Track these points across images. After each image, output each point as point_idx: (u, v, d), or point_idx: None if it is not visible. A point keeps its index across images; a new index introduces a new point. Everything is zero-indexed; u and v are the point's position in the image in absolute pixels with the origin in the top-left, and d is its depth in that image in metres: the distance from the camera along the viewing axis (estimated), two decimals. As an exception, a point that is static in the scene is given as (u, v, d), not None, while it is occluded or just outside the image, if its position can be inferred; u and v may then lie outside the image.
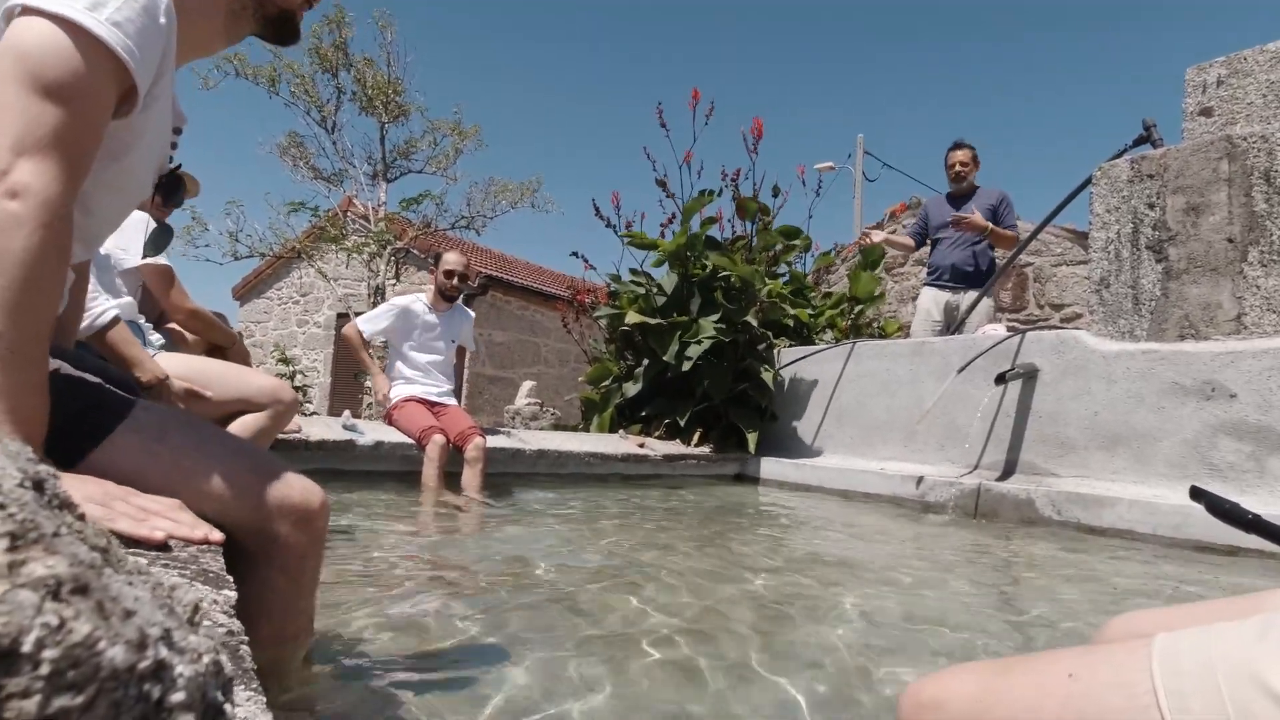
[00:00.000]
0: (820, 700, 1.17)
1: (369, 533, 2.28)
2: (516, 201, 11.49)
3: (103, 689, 0.25)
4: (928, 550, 2.57)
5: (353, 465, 3.24)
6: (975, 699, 0.61)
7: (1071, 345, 3.30)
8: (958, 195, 4.92)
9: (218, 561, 0.83)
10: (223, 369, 2.16)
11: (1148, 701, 0.52)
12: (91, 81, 0.79)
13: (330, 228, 10.53)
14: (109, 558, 0.30)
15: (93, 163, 0.83)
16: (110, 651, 0.25)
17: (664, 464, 4.21)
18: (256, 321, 15.93)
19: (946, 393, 3.69)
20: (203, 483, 0.89)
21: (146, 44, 0.83)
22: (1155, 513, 2.74)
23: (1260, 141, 2.95)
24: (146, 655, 0.27)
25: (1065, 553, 2.51)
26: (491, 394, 12.89)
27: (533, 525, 2.67)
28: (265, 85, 10.19)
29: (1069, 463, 3.23)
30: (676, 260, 4.90)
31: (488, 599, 1.64)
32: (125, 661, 0.26)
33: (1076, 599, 1.90)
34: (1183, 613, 0.81)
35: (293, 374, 7.39)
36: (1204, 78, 3.36)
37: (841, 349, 4.47)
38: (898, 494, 3.61)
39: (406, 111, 10.78)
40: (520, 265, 16.25)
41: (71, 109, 0.77)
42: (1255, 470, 2.70)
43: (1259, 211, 2.92)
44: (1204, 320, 3.02)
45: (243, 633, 0.69)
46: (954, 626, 1.60)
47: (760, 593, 1.82)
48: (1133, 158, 3.35)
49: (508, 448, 3.71)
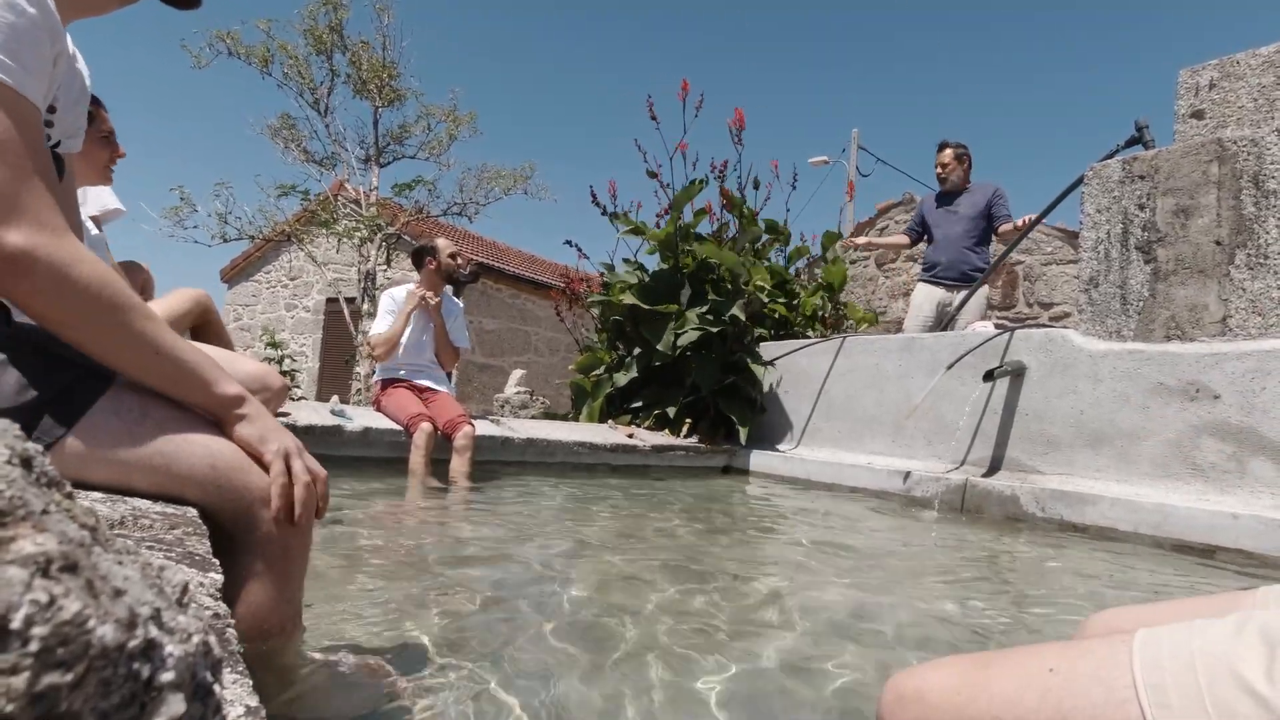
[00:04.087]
0: (794, 695, 1.18)
1: (355, 520, 2.28)
2: (510, 189, 11.43)
3: (92, 667, 0.25)
4: (913, 545, 2.59)
5: (341, 451, 3.23)
6: (956, 691, 0.62)
7: (1059, 344, 3.32)
8: (949, 193, 4.95)
9: (203, 545, 0.83)
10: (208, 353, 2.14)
11: (1128, 695, 0.52)
12: (9, 126, 0.78)
13: (321, 211, 10.44)
14: (98, 536, 0.30)
15: (55, 187, 0.84)
16: (100, 630, 0.25)
17: (653, 454, 4.22)
18: (245, 305, 15.82)
19: (935, 389, 3.72)
20: (184, 467, 0.89)
21: (22, 44, 0.80)
22: (1137, 511, 2.77)
23: (1250, 145, 2.97)
24: (136, 634, 0.27)
25: (1048, 549, 2.54)
26: (481, 382, 12.86)
27: (519, 514, 2.67)
28: (258, 65, 10.07)
29: (1054, 460, 3.26)
30: (667, 250, 4.90)
31: (473, 588, 1.64)
32: (115, 640, 0.25)
33: (1058, 595, 1.92)
34: (1162, 609, 0.82)
35: (281, 358, 7.34)
36: (1196, 80, 3.38)
37: (831, 343, 4.49)
38: (885, 488, 3.64)
39: (401, 96, 10.69)
40: (513, 253, 16.20)
41: (7, 160, 0.77)
42: (1237, 471, 2.73)
43: (1247, 215, 2.94)
44: (1190, 322, 3.05)
45: (229, 616, 0.69)
46: (933, 621, 1.61)
47: (732, 585, 1.83)
48: (1124, 158, 3.37)
49: (496, 436, 3.70)
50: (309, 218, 10.88)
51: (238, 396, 0.93)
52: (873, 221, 9.75)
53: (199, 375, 0.90)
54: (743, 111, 5.24)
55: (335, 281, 11.54)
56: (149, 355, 0.86)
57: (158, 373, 0.88)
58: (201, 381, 0.91)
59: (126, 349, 0.85)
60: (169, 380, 0.89)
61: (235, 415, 0.92)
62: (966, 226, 4.83)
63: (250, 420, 0.93)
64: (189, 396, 0.91)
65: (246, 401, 0.94)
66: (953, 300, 4.77)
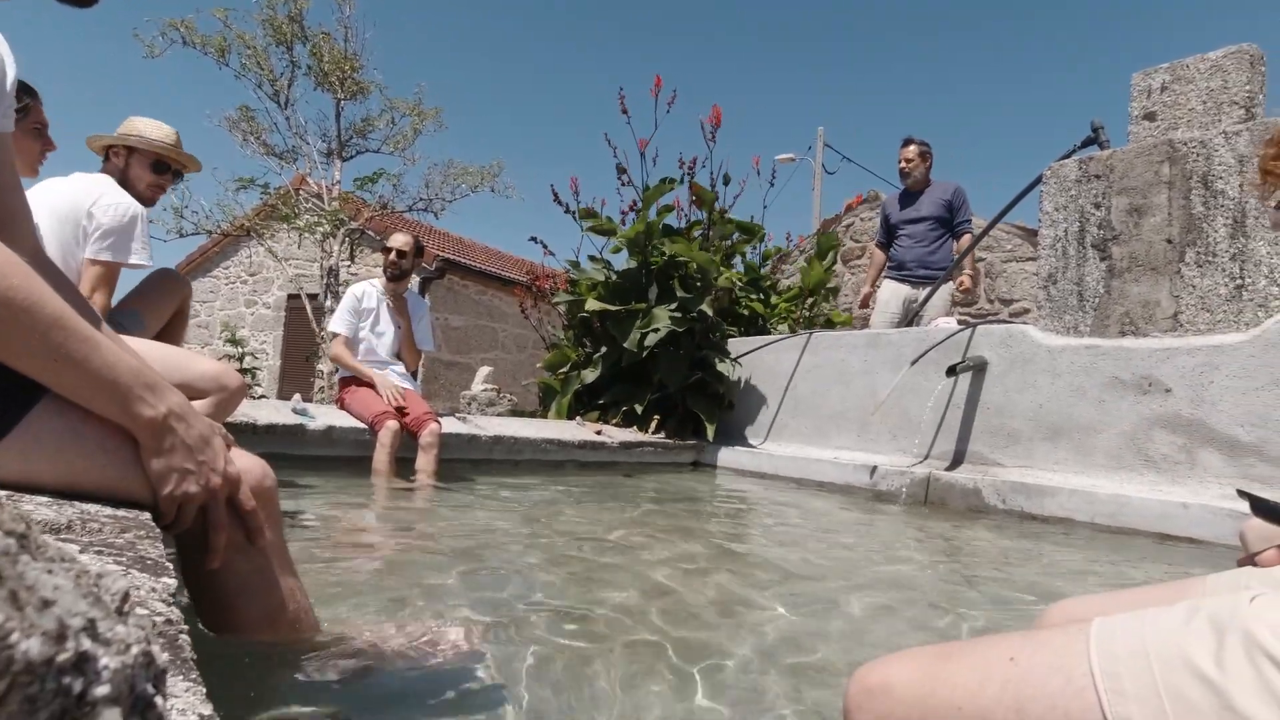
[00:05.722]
0: (763, 687, 1.18)
1: (319, 519, 2.23)
2: (477, 185, 11.29)
3: (15, 683, 0.23)
4: (877, 538, 2.63)
5: (304, 450, 3.16)
6: (919, 683, 0.63)
7: (1019, 339, 3.39)
8: (911, 191, 5.02)
9: (156, 548, 0.80)
10: (164, 352, 2.08)
11: (1085, 684, 0.53)
12: None
13: (282, 206, 10.22)
14: (27, 544, 0.28)
15: None
16: (24, 644, 0.23)
17: (621, 451, 4.22)
18: (202, 301, 15.43)
19: (900, 384, 3.77)
20: (133, 467, 0.86)
21: None
22: (1093, 502, 2.84)
23: (1199, 146, 3.06)
24: (66, 647, 0.25)
25: (1008, 540, 2.59)
26: (448, 379, 12.73)
27: (487, 512, 2.65)
28: (214, 55, 9.80)
29: (1014, 453, 3.33)
30: (635, 247, 4.89)
31: (438, 587, 1.62)
32: (41, 654, 0.24)
33: (1017, 585, 1.96)
34: (1118, 598, 0.84)
35: (241, 355, 7.17)
36: (1149, 83, 3.47)
37: (798, 339, 4.53)
38: (851, 483, 3.68)
39: (364, 89, 10.48)
40: (478, 249, 16.04)
41: None
42: (1187, 462, 2.82)
43: (1196, 214, 3.03)
44: (1143, 317, 3.13)
45: (182, 621, 0.67)
46: (897, 613, 1.64)
47: (702, 578, 1.84)
48: (1081, 158, 3.45)
49: (463, 433, 3.67)
50: (269, 212, 10.64)
51: (151, 420, 0.83)
52: (839, 218, 9.86)
53: (113, 390, 0.81)
54: (720, 109, 5.26)
55: (297, 277, 11.31)
56: (48, 364, 0.77)
57: (60, 384, 0.79)
58: (118, 397, 0.81)
59: (25, 355, 0.76)
60: (73, 394, 0.80)
61: (148, 445, 0.84)
62: (929, 224, 4.91)
63: (160, 453, 0.84)
64: (101, 413, 0.82)
65: (164, 429, 0.84)
66: (918, 297, 4.85)
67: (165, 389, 0.86)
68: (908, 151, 4.95)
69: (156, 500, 0.86)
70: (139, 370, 0.84)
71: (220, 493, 0.89)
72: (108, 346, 0.81)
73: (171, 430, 0.85)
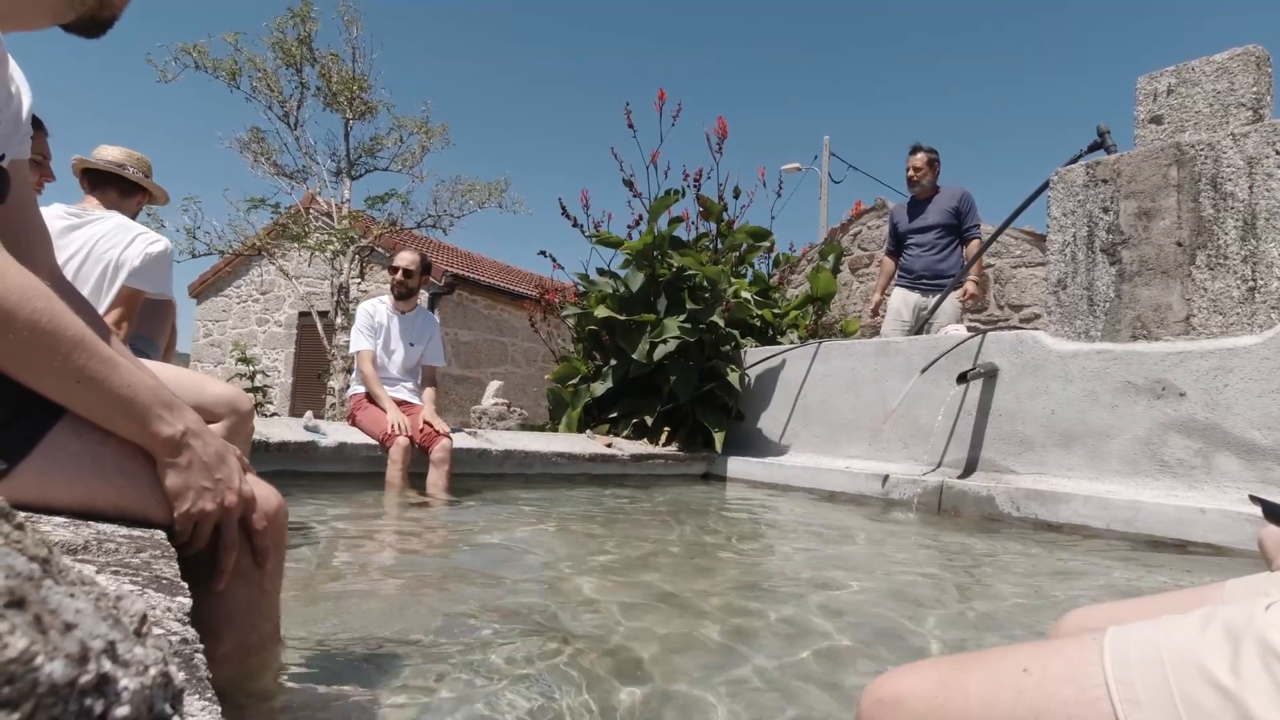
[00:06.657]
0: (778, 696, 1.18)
1: (331, 536, 2.24)
2: (484, 201, 11.38)
3: (40, 704, 0.24)
4: (890, 547, 2.61)
5: (315, 467, 3.18)
6: (933, 694, 0.62)
7: (1030, 345, 3.38)
8: (919, 199, 5.02)
9: (171, 568, 0.81)
10: (177, 375, 2.10)
11: (1099, 694, 0.53)
12: None
13: (292, 225, 10.32)
14: (49, 568, 0.29)
15: None
16: (48, 667, 0.24)
17: (631, 464, 4.22)
18: (215, 320, 15.57)
19: (911, 392, 3.76)
20: (149, 488, 0.86)
21: None
22: (1109, 508, 2.81)
23: (1207, 149, 3.05)
24: (88, 669, 0.26)
25: (1023, 548, 2.57)
26: (458, 394, 12.77)
27: (499, 527, 2.65)
28: (225, 79, 9.95)
29: (1027, 460, 3.30)
30: (643, 260, 4.91)
31: (452, 603, 1.62)
32: (65, 676, 0.25)
33: (1032, 594, 1.94)
34: (1133, 606, 0.83)
35: (253, 374, 7.22)
36: (1155, 86, 3.46)
37: (807, 349, 4.52)
38: (863, 492, 3.66)
39: (372, 109, 10.62)
40: (487, 264, 16.13)
41: None
42: (1203, 467, 2.79)
43: (1206, 216, 3.02)
44: (1155, 321, 3.11)
45: (197, 641, 0.67)
46: (910, 624, 1.62)
47: (719, 592, 1.83)
48: (1088, 163, 3.44)
49: (474, 448, 3.68)
50: (280, 231, 10.75)
51: (169, 439, 0.85)
52: (845, 226, 9.85)
53: (132, 410, 0.83)
54: (725, 121, 5.28)
55: (308, 295, 11.40)
56: (70, 385, 0.79)
57: (80, 404, 0.81)
58: (136, 416, 0.83)
59: (48, 376, 0.78)
60: (93, 414, 0.82)
61: (166, 461, 0.86)
62: (938, 232, 4.90)
63: (178, 470, 0.86)
64: (120, 432, 0.84)
65: (182, 446, 0.86)
66: (928, 304, 4.83)
67: (182, 408, 0.88)
68: (916, 159, 4.95)
69: (173, 519, 0.87)
70: (156, 389, 0.86)
71: (235, 511, 0.89)
72: (126, 366, 0.83)
73: (188, 447, 0.87)
